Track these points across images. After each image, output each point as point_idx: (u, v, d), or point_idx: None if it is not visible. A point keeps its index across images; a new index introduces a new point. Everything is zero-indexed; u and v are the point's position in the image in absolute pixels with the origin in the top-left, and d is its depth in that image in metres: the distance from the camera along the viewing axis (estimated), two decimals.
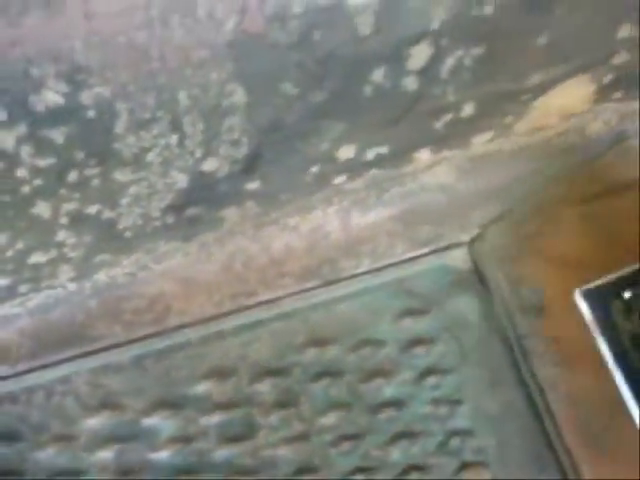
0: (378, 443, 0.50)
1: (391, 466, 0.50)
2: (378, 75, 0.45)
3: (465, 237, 0.55)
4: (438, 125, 0.50)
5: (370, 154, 0.50)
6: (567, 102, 0.54)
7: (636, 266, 0.51)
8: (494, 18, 0.45)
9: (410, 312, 0.53)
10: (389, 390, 0.52)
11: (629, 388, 0.50)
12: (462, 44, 0.46)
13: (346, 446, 0.50)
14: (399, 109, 0.48)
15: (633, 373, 0.50)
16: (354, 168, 0.51)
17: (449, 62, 0.46)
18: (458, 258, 0.55)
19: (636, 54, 0.53)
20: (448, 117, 0.50)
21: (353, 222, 0.54)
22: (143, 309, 0.51)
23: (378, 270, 0.53)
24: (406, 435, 0.51)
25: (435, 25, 0.44)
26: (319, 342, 0.52)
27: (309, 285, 0.53)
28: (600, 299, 0.51)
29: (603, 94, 0.55)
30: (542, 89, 0.52)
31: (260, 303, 0.52)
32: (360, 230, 0.54)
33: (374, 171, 0.52)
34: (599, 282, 0.51)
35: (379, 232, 0.54)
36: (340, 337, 0.52)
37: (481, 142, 0.54)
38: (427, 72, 0.46)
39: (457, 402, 0.52)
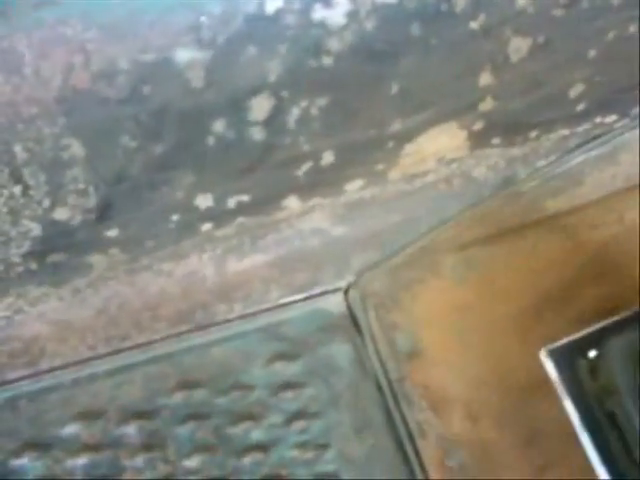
0: None
1: None
2: (219, 126, 0.46)
3: (341, 283, 0.56)
4: (299, 173, 0.51)
5: (231, 202, 0.51)
6: (440, 148, 0.55)
7: (600, 325, 0.51)
8: (334, 69, 0.46)
9: (282, 356, 0.54)
10: (256, 433, 0.52)
11: (595, 449, 0.49)
12: (305, 95, 0.47)
13: None
14: (250, 159, 0.49)
15: (598, 432, 0.49)
16: (218, 216, 0.52)
17: (295, 112, 0.47)
18: (333, 304, 0.55)
19: (503, 100, 0.54)
20: (308, 166, 0.51)
21: (228, 268, 0.55)
22: (18, 352, 0.53)
23: (251, 315, 0.54)
24: (271, 478, 0.51)
25: (272, 77, 0.45)
26: (189, 385, 0.53)
27: (182, 329, 0.54)
28: (566, 358, 0.51)
29: (478, 140, 0.56)
30: (407, 136, 0.53)
31: (133, 346, 0.53)
32: (235, 276, 0.55)
33: (241, 219, 0.53)
34: (564, 341, 0.51)
35: (254, 278, 0.55)
36: (210, 381, 0.53)
37: (354, 189, 0.55)
38: (272, 123, 0.47)
39: (324, 446, 0.52)
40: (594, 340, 0.50)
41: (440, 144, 0.55)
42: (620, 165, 0.61)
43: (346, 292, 0.56)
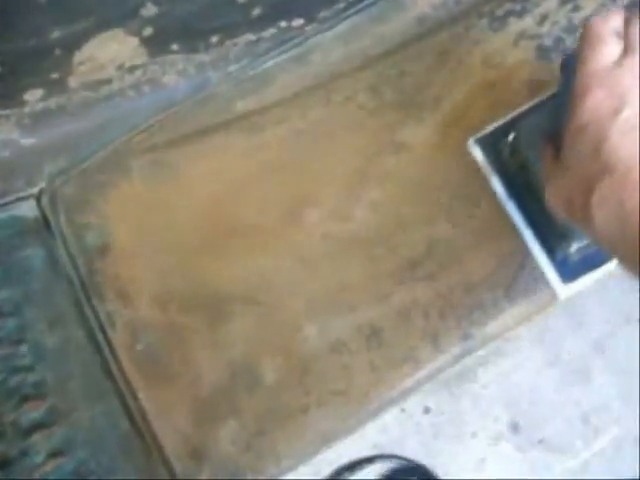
0: None
1: None
2: None
3: (33, 190, 0.59)
4: None
5: None
6: (115, 56, 0.58)
7: (513, 114, 0.59)
8: None
9: None
10: None
11: (519, 210, 0.58)
12: None
13: None
14: None
15: (522, 199, 0.58)
16: None
17: None
18: (26, 210, 0.59)
19: (166, 6, 0.57)
20: None
21: None
22: None
23: None
24: None
25: None
26: None
27: None
28: (491, 144, 0.59)
29: (153, 47, 0.59)
30: (71, 44, 0.55)
31: None
32: None
33: None
34: (488, 130, 0.59)
35: None
36: None
37: (36, 99, 0.58)
38: None
39: (19, 341, 0.56)
40: (510, 127, 0.57)
41: (113, 51, 0.58)
42: (310, 65, 0.65)
43: (38, 198, 0.59)
